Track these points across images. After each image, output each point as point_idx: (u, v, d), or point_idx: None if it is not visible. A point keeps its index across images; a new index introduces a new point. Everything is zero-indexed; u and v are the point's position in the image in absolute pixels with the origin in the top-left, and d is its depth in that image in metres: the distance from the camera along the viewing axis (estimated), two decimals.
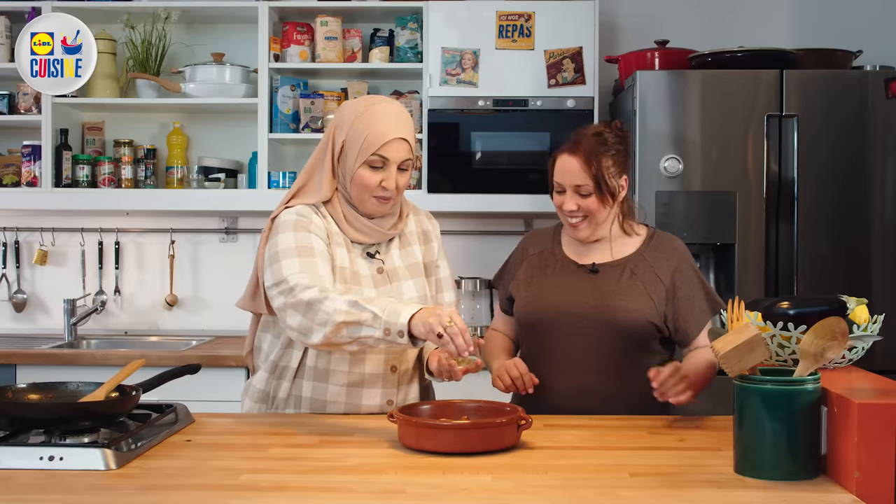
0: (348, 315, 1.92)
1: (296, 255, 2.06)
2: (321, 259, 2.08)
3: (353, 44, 3.88)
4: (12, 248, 4.12)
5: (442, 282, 2.31)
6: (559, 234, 2.45)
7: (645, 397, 2.32)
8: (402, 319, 1.89)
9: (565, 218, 2.33)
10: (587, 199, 2.28)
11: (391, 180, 2.13)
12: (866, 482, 1.57)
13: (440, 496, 1.59)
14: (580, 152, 2.27)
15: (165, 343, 3.90)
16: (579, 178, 2.26)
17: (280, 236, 2.10)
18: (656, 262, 2.34)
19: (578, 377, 2.29)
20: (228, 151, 4.03)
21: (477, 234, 4.03)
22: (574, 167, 2.27)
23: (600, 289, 2.31)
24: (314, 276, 2.02)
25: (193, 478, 1.69)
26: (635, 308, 2.28)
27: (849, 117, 3.36)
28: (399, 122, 2.13)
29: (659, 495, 1.60)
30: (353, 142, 2.12)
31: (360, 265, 2.18)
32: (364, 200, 2.15)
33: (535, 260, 2.41)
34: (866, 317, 1.97)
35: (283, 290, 2.02)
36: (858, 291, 2.15)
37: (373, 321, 1.91)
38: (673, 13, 4.05)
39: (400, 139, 2.12)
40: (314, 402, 2.19)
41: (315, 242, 2.10)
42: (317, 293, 1.97)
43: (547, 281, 2.36)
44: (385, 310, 1.92)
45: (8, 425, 1.85)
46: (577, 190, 2.28)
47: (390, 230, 2.23)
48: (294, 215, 2.14)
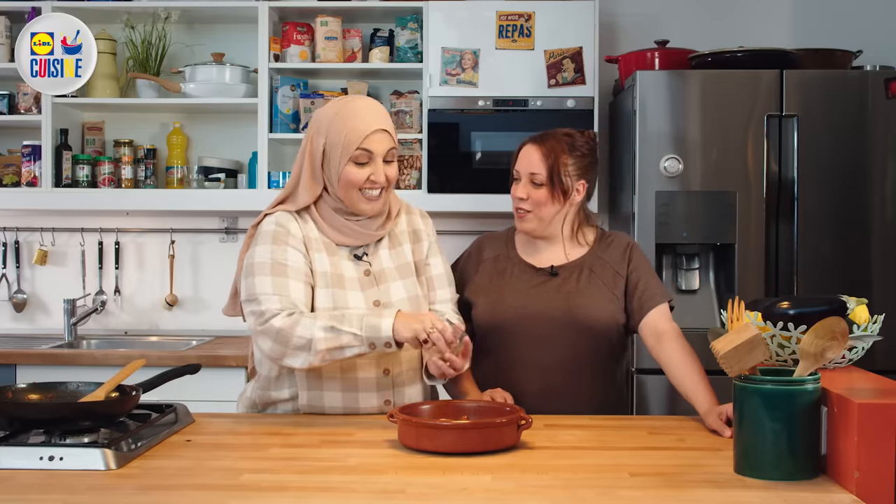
0: (328, 342, 2.00)
1: (269, 272, 2.09)
2: (294, 278, 2.10)
3: (353, 44, 3.88)
4: (12, 248, 4.11)
5: (434, 280, 2.29)
6: (513, 237, 2.46)
7: (612, 395, 2.35)
8: (383, 333, 1.98)
9: (515, 208, 2.36)
10: (537, 190, 2.31)
11: (379, 173, 2.14)
12: (866, 482, 1.57)
13: (440, 496, 1.59)
14: (543, 144, 2.32)
15: (165, 343, 3.90)
16: (535, 167, 2.30)
17: (258, 248, 2.13)
18: (611, 257, 2.37)
19: (545, 379, 2.30)
20: (228, 151, 4.03)
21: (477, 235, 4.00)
22: (533, 156, 2.32)
23: (561, 290, 2.32)
24: (284, 298, 2.06)
25: (193, 478, 1.69)
26: (598, 306, 2.30)
27: (849, 117, 3.35)
28: (376, 114, 2.16)
29: (659, 495, 1.60)
30: (335, 142, 2.12)
31: (346, 267, 2.18)
32: (354, 200, 2.15)
33: (490, 264, 2.41)
34: (866, 317, 1.97)
35: (254, 312, 2.08)
36: (858, 291, 2.15)
37: (355, 341, 1.99)
38: (673, 13, 4.05)
39: (381, 130, 2.14)
40: (312, 408, 2.19)
41: (291, 258, 2.12)
42: (285, 319, 2.03)
43: (506, 285, 2.36)
44: (362, 326, 1.99)
45: (8, 425, 1.86)
46: (531, 178, 2.31)
47: (377, 231, 2.22)
48: (273, 225, 2.16)
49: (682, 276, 3.45)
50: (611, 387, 2.38)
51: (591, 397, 2.32)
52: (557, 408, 2.23)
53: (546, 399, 2.26)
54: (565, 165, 2.30)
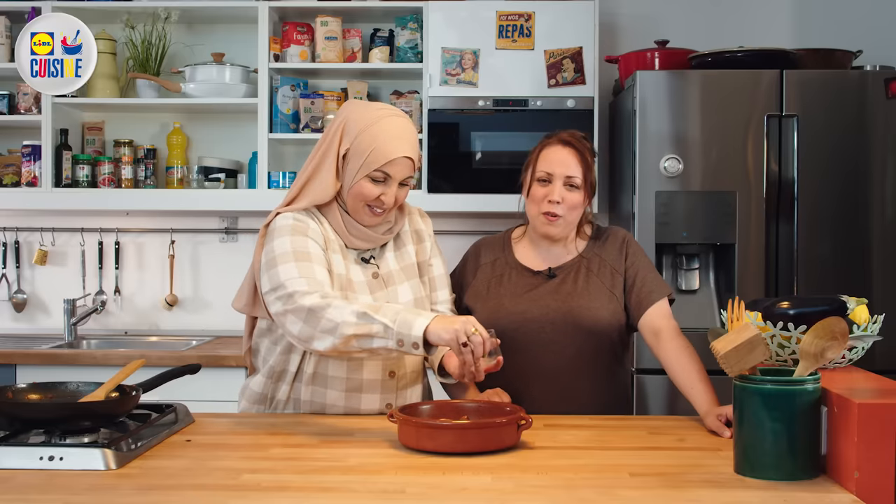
0: (358, 328, 1.90)
1: (293, 259, 2.04)
2: (318, 264, 2.06)
3: (353, 44, 3.88)
4: (12, 248, 4.11)
5: (435, 280, 2.29)
6: (509, 240, 2.44)
7: (615, 394, 2.34)
8: (415, 331, 1.88)
9: (541, 214, 2.29)
10: (573, 193, 2.27)
11: (390, 195, 2.12)
12: (866, 482, 1.57)
13: (440, 496, 1.59)
14: (575, 146, 2.29)
15: (165, 343, 3.90)
16: (573, 170, 2.26)
17: (276, 241, 2.08)
18: (608, 255, 2.36)
19: (547, 382, 2.29)
20: (228, 151, 4.03)
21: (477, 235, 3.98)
22: (568, 158, 2.27)
23: (560, 292, 2.32)
24: (312, 282, 2.00)
25: (193, 478, 1.69)
26: (598, 306, 2.30)
27: (849, 117, 3.35)
28: (406, 140, 2.12)
29: (659, 495, 1.60)
30: (358, 153, 2.10)
31: (355, 271, 2.17)
32: (358, 210, 2.14)
33: (488, 269, 2.40)
34: (866, 317, 1.97)
35: (282, 296, 1.99)
36: (858, 291, 2.16)
37: (384, 332, 1.90)
38: (673, 13, 4.05)
39: (405, 157, 2.11)
40: (313, 405, 2.19)
41: (312, 247, 2.08)
42: (318, 299, 1.95)
43: (505, 290, 2.35)
44: (396, 320, 1.90)
45: (8, 425, 1.86)
46: (567, 181, 2.27)
47: (385, 234, 2.22)
48: (291, 220, 2.12)
49: (682, 276, 3.45)
50: (614, 385, 2.37)
51: (595, 397, 2.31)
52: (561, 410, 2.23)
53: (549, 402, 2.25)
54: (591, 169, 2.30)
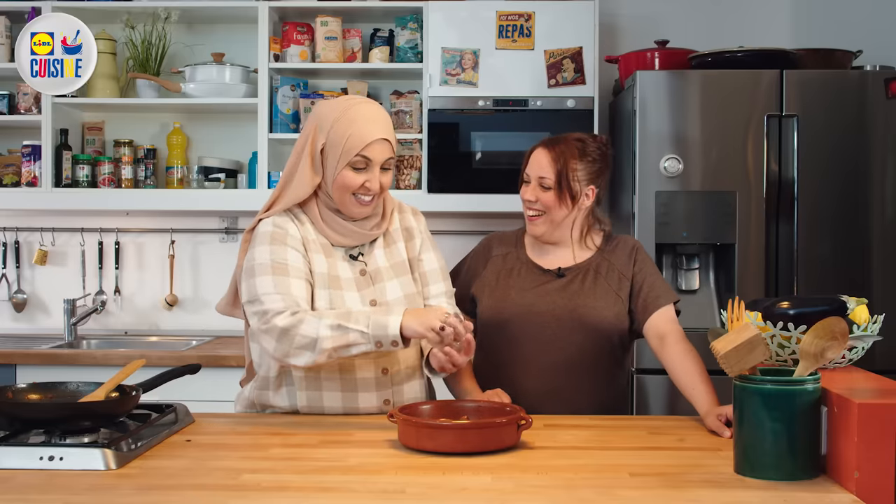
0: (335, 340, 1.98)
1: (270, 272, 2.08)
2: (295, 277, 2.10)
3: (353, 44, 3.88)
4: (12, 248, 4.11)
5: (427, 275, 2.28)
6: (522, 237, 2.47)
7: (613, 397, 2.36)
8: (391, 331, 1.97)
9: (525, 211, 2.38)
10: (545, 193, 2.33)
11: (375, 181, 2.14)
12: (866, 482, 1.57)
13: (440, 496, 1.59)
14: (554, 149, 2.34)
15: (165, 343, 3.90)
16: (544, 171, 2.33)
17: (257, 249, 2.13)
18: (617, 260, 2.39)
19: (546, 378, 2.31)
20: (228, 151, 4.03)
21: (477, 235, 4.01)
22: (543, 160, 2.34)
23: (566, 290, 2.35)
24: (287, 297, 2.05)
25: (193, 478, 1.69)
26: (602, 307, 2.32)
27: (849, 117, 3.35)
28: (380, 122, 2.15)
29: (659, 495, 1.60)
30: (335, 144, 2.12)
31: (342, 268, 2.18)
32: (346, 203, 2.15)
33: (499, 261, 2.44)
34: (866, 317, 1.97)
35: (257, 312, 2.06)
36: (858, 291, 2.16)
37: (361, 338, 1.98)
38: (673, 13, 4.05)
39: (382, 140, 2.13)
40: (311, 409, 2.19)
41: (290, 257, 2.11)
42: (289, 318, 2.02)
43: (513, 283, 2.38)
44: (370, 324, 1.98)
45: (8, 425, 1.86)
46: (539, 182, 2.34)
47: (372, 230, 2.22)
48: (271, 227, 2.15)
49: (682, 276, 3.45)
50: (611, 388, 2.38)
51: (592, 397, 2.32)
52: (558, 407, 2.24)
53: (547, 398, 2.27)
54: (574, 170, 2.32)
